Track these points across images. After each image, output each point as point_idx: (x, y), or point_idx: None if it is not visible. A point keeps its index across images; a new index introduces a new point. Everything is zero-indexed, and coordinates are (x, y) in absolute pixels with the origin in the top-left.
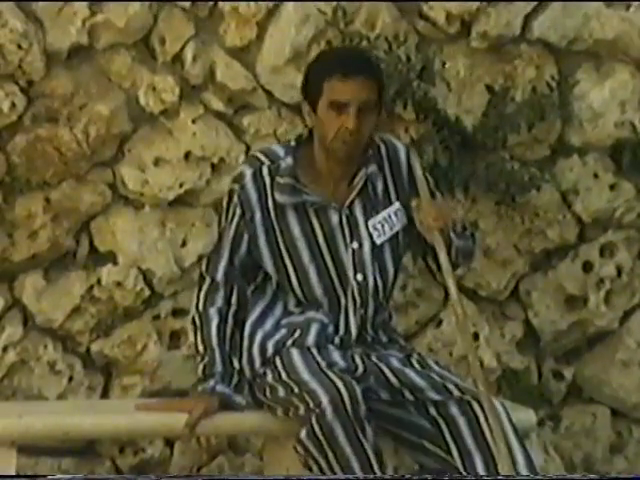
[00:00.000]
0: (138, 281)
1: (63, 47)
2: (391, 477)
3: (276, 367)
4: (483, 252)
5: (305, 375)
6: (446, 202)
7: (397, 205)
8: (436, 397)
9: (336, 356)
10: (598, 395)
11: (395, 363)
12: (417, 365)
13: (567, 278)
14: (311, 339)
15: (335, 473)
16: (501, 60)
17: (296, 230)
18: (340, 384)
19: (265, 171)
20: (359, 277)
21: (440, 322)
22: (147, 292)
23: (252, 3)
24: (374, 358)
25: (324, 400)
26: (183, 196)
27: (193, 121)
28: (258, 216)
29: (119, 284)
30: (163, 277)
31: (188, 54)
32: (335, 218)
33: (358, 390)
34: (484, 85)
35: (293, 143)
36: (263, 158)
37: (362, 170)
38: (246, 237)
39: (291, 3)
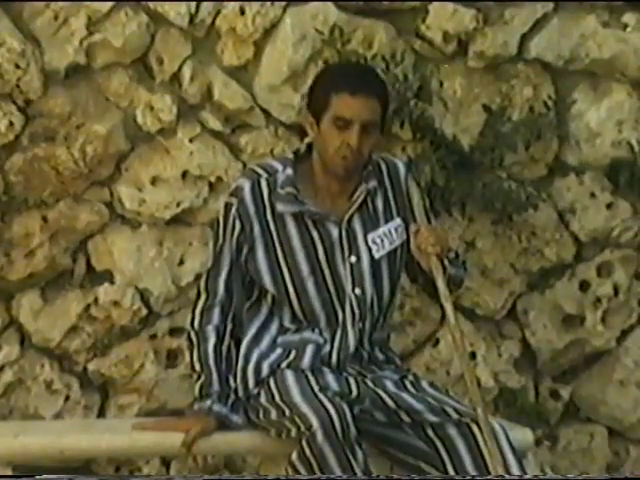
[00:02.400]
0: (135, 300)
1: (61, 66)
2: (391, 477)
3: (270, 389)
4: (480, 271)
5: (297, 398)
6: (442, 227)
7: (398, 221)
8: (433, 419)
9: (330, 379)
10: (595, 415)
11: (390, 386)
12: (411, 388)
13: (564, 297)
14: (306, 361)
15: None
16: (498, 79)
17: (296, 241)
18: (331, 408)
19: (263, 183)
20: (357, 291)
21: (437, 341)
22: (144, 311)
23: (249, 23)
24: (369, 381)
25: (315, 423)
26: (180, 215)
27: (190, 140)
28: (257, 229)
29: (116, 303)
30: (160, 296)
31: (185, 73)
32: (335, 231)
33: (349, 413)
34: (481, 104)
35: (291, 156)
36: (260, 171)
37: (362, 185)
38: (245, 251)
39: (288, 22)
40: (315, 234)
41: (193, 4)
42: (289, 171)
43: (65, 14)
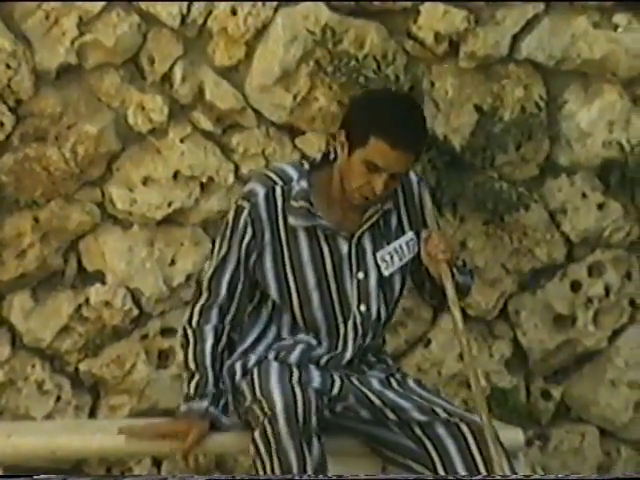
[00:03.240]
0: (126, 300)
1: (52, 67)
2: (391, 477)
3: (252, 377)
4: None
5: (273, 385)
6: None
7: (410, 235)
8: (421, 417)
9: (314, 375)
10: (586, 415)
11: (375, 384)
12: (397, 386)
13: (555, 297)
14: (294, 357)
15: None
16: (489, 80)
17: (305, 254)
18: (299, 395)
19: (278, 192)
20: (362, 308)
21: (429, 342)
22: (135, 311)
23: (241, 23)
24: (354, 379)
25: (278, 407)
26: (172, 215)
27: (182, 140)
28: (267, 236)
29: (107, 303)
30: (151, 296)
31: (177, 74)
32: (345, 247)
33: (314, 405)
34: (472, 105)
35: (307, 167)
36: (276, 178)
37: (377, 205)
38: (254, 257)
39: (280, 23)
40: (325, 248)
41: (184, 4)
42: (304, 184)
43: (56, 14)
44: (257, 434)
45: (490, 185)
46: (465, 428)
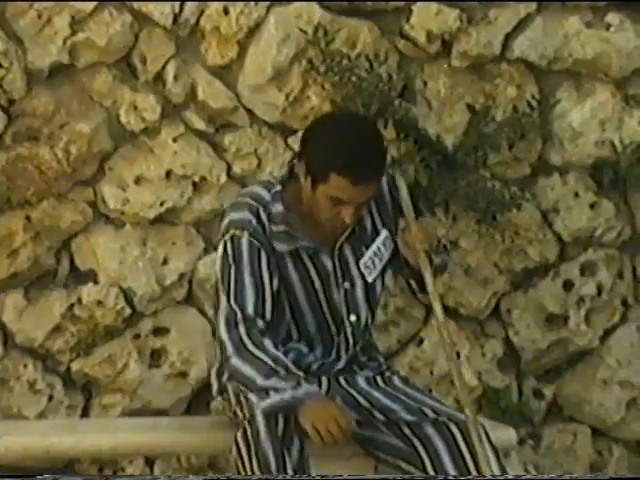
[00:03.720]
0: (119, 300)
1: (44, 66)
2: (391, 477)
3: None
4: (464, 271)
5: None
6: (426, 221)
7: (384, 233)
8: (409, 418)
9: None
10: (579, 414)
11: (363, 385)
12: (385, 386)
13: (547, 297)
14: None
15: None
16: (482, 79)
17: (293, 276)
18: None
19: (264, 216)
20: (352, 318)
21: (421, 341)
22: (128, 311)
23: (233, 22)
24: (342, 379)
25: (258, 410)
26: (164, 215)
27: (174, 140)
28: (264, 260)
29: (100, 303)
30: (144, 296)
31: (169, 73)
32: (329, 262)
33: None
34: (465, 104)
35: (277, 187)
36: (254, 203)
37: None
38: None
39: (272, 22)
40: (310, 267)
41: (177, 4)
42: (279, 207)
43: (48, 13)
44: (239, 435)
45: (482, 184)
46: (454, 427)
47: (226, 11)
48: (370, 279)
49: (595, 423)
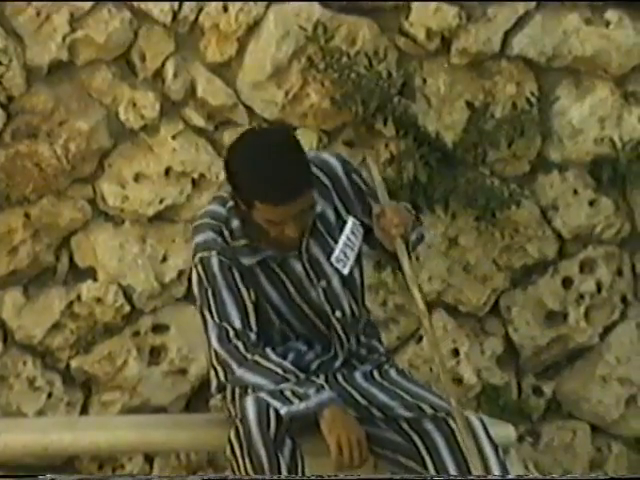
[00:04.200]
0: (118, 297)
1: (43, 63)
2: (390, 477)
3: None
4: (463, 268)
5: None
6: (404, 205)
7: (351, 221)
8: (407, 414)
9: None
10: (578, 411)
11: (360, 380)
12: (383, 381)
13: (547, 294)
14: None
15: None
16: (481, 76)
17: (267, 287)
18: None
19: (226, 233)
20: (338, 314)
21: (421, 338)
22: (127, 308)
23: (233, 20)
24: (339, 376)
25: (250, 408)
26: (163, 212)
27: (173, 137)
28: (237, 276)
29: (99, 300)
30: (143, 293)
31: (169, 70)
32: (298, 266)
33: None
34: (464, 101)
35: (231, 202)
36: (215, 222)
37: None
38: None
39: (272, 19)
40: (282, 275)
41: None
42: (236, 222)
43: (47, 11)
44: (232, 434)
45: (482, 181)
46: (453, 423)
47: (225, 8)
48: (346, 271)
49: (594, 420)
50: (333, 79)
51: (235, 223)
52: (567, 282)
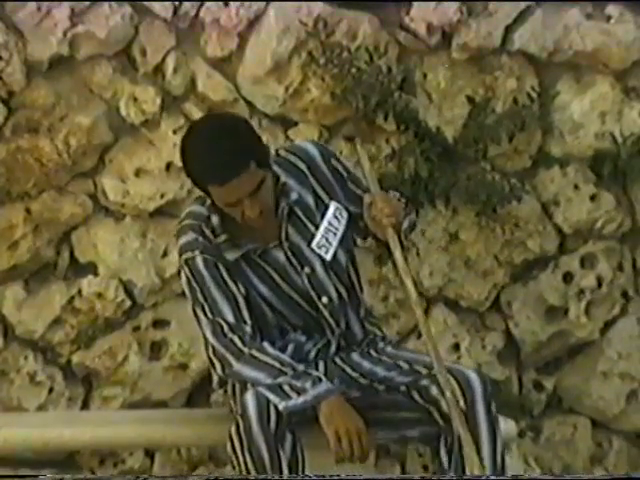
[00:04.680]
0: (119, 292)
1: (44, 58)
2: (391, 477)
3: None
4: (464, 263)
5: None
6: (395, 196)
7: (333, 206)
8: (406, 380)
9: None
10: (578, 406)
11: (357, 358)
12: (376, 354)
13: (548, 289)
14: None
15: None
16: (482, 71)
17: (254, 279)
18: None
19: (207, 231)
20: (324, 300)
21: (421, 333)
22: (128, 303)
23: (233, 14)
24: (337, 359)
25: (250, 404)
26: (164, 207)
27: (174, 132)
28: (224, 271)
29: (100, 295)
30: (144, 288)
31: (169, 65)
32: (281, 256)
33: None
34: (465, 96)
35: (209, 200)
36: (195, 222)
37: (282, 203)
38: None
39: (272, 14)
40: (266, 266)
41: None
42: (215, 218)
43: (48, 5)
44: (232, 430)
45: (482, 177)
46: (454, 383)
47: (226, 3)
48: (328, 257)
49: (595, 415)
50: (334, 74)
51: (215, 220)
52: (568, 277)
